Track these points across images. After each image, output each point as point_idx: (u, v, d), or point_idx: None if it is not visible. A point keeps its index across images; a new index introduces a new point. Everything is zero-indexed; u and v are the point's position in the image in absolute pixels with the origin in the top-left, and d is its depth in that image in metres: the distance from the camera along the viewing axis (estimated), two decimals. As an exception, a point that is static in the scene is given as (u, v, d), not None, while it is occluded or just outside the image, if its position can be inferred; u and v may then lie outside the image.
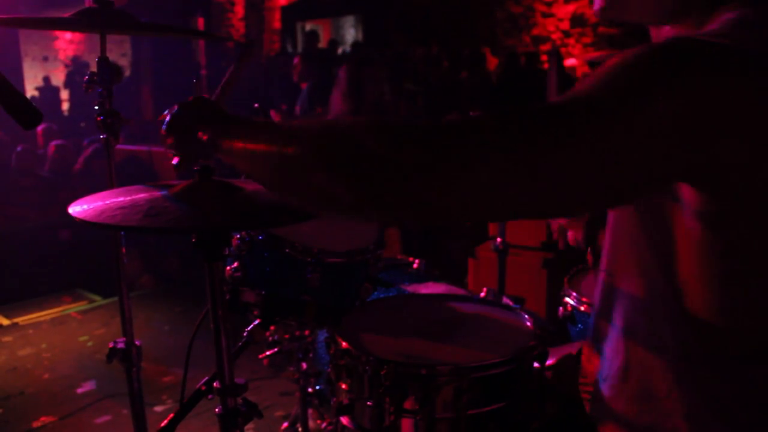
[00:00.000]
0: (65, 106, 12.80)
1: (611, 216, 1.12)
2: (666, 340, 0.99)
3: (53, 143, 6.31)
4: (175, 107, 1.11)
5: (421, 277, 2.37)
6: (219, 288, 1.22)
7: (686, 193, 0.86)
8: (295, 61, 6.26)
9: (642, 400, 1.05)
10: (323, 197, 0.87)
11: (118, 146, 1.89)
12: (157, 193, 1.19)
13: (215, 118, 1.07)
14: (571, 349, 1.56)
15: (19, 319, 4.61)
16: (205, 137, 1.05)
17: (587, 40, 9.24)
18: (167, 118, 1.12)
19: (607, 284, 1.15)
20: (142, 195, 1.19)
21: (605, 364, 1.16)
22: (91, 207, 1.13)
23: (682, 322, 0.94)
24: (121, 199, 1.17)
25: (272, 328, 2.11)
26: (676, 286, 0.93)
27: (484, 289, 2.35)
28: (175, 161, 1.11)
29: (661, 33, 1.03)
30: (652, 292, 1.01)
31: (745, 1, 0.90)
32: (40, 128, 6.90)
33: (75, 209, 1.12)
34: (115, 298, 1.87)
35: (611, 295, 1.12)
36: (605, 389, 1.15)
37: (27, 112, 1.25)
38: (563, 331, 2.01)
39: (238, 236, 1.66)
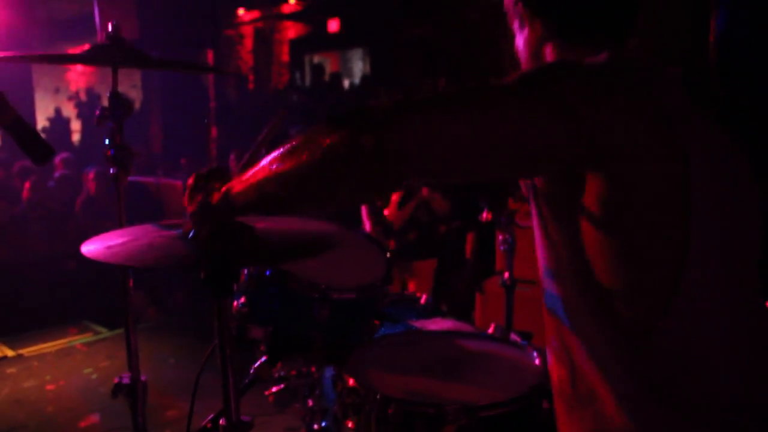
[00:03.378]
0: (75, 137, 12.92)
1: (536, 237, 1.18)
2: (589, 333, 1.06)
3: (61, 174, 6.37)
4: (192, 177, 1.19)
5: (428, 312, 2.35)
6: (227, 325, 1.22)
7: (586, 187, 1.00)
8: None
9: (587, 402, 1.09)
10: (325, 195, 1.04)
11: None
12: (165, 232, 1.19)
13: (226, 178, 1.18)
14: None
15: (24, 351, 4.59)
16: (219, 195, 1.14)
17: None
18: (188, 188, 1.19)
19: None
20: (152, 233, 1.19)
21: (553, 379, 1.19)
22: (103, 246, 1.13)
23: (587, 306, 1.05)
24: (132, 237, 1.17)
25: (279, 364, 2.10)
26: (578, 274, 1.05)
27: (492, 325, 2.33)
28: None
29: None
30: (561, 288, 1.10)
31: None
32: (58, 158, 6.97)
33: (88, 248, 1.13)
34: (121, 330, 1.86)
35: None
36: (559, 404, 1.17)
37: (39, 148, 1.26)
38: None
39: (246, 271, 1.66)
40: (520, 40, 1.25)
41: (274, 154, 1.06)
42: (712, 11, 3.99)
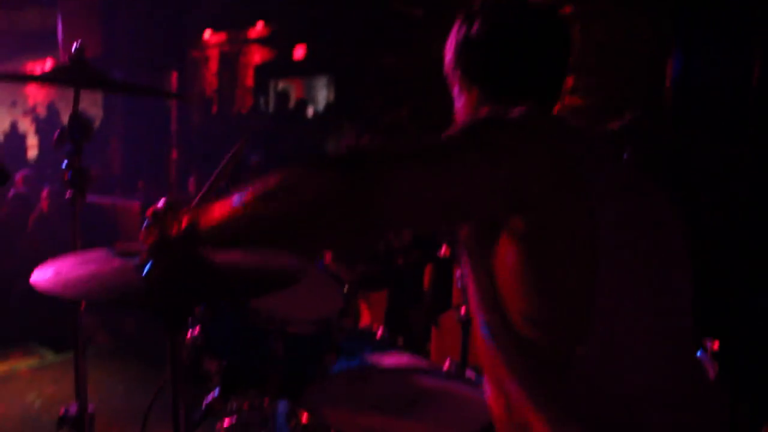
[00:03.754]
0: (31, 152, 12.65)
1: (464, 270, 1.25)
2: (516, 362, 1.13)
3: (16, 192, 6.23)
4: (150, 214, 1.18)
5: (384, 346, 2.35)
6: (180, 359, 1.20)
7: (505, 224, 1.07)
8: None
9: (522, 429, 1.15)
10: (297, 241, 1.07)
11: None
12: (120, 262, 1.17)
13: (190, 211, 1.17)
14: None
15: (-38, 374, 4.43)
16: (180, 227, 1.13)
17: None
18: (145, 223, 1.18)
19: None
20: (105, 262, 1.17)
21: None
22: (54, 273, 1.11)
23: (513, 337, 1.11)
24: (85, 266, 1.15)
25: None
26: (502, 307, 1.11)
27: (448, 360, 2.34)
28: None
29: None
30: (490, 321, 1.16)
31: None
32: (19, 175, 6.81)
33: (38, 276, 1.10)
34: (69, 355, 1.81)
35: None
36: None
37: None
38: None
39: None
40: (459, 103, 1.39)
41: (249, 191, 1.05)
42: (668, 57, 4.13)
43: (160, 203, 1.20)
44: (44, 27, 10.30)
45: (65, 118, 1.78)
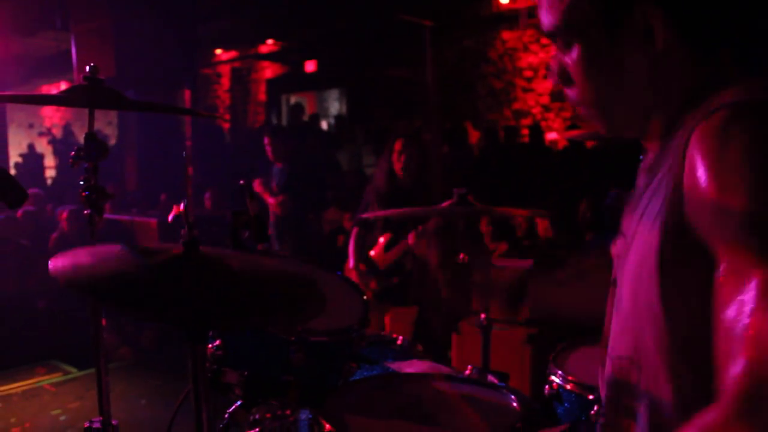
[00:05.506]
0: (49, 173, 12.80)
1: (618, 292, 1.06)
2: None
3: (21, 210, 6.32)
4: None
5: (404, 353, 2.34)
6: (201, 370, 1.20)
7: None
8: (266, 140, 5.40)
9: None
10: None
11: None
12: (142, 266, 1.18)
13: None
14: (558, 432, 1.55)
15: (-11, 392, 4.48)
16: None
17: (566, 114, 9.47)
18: None
19: (620, 374, 1.06)
20: (124, 264, 1.18)
21: None
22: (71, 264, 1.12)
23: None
24: (104, 263, 1.16)
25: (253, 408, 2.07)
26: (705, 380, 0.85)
27: (469, 367, 2.33)
28: None
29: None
30: (682, 389, 0.94)
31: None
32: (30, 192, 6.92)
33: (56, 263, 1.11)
34: (91, 370, 1.82)
35: (630, 388, 1.03)
36: None
37: (12, 192, 1.25)
38: (549, 410, 1.99)
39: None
40: (601, 51, 1.00)
41: None
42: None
43: (173, 213, 1.20)
44: (58, 51, 10.45)
45: (81, 139, 1.81)
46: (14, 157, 12.18)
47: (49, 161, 13.23)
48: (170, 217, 1.25)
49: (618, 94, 1.02)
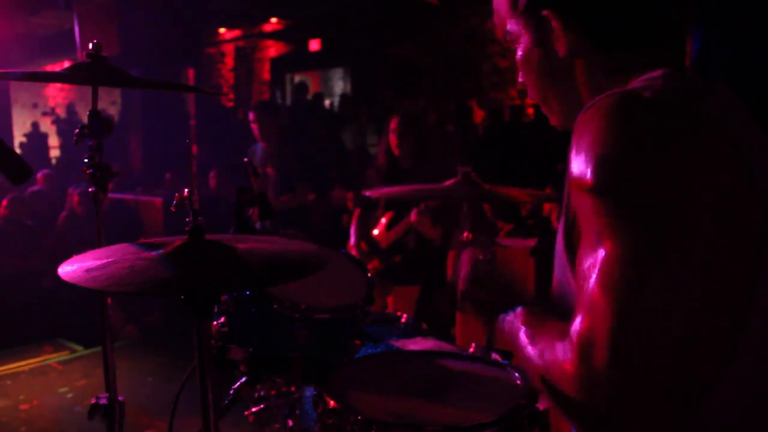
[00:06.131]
0: (54, 152, 12.81)
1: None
2: None
3: (30, 190, 6.35)
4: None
5: (409, 331, 2.35)
6: (207, 346, 1.21)
7: None
8: (251, 116, 5.01)
9: None
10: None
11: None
12: (146, 253, 1.19)
13: None
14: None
15: (-4, 370, 4.52)
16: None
17: (572, 94, 9.42)
18: None
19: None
20: (131, 255, 1.19)
21: None
22: (81, 269, 1.12)
23: None
24: (111, 259, 1.16)
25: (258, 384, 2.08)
26: None
27: (473, 345, 2.33)
28: None
29: None
30: None
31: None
32: (39, 174, 6.96)
33: (65, 270, 1.11)
34: (98, 348, 1.84)
35: None
36: None
37: (17, 168, 1.25)
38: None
39: (226, 291, 1.65)
40: (531, 54, 1.09)
41: (531, 358, 1.00)
42: (686, 36, 4.06)
43: (185, 193, 1.20)
44: (61, 30, 10.41)
45: (84, 118, 1.80)
46: (19, 137, 12.18)
47: (53, 141, 13.24)
48: (173, 205, 1.24)
49: (552, 92, 1.10)
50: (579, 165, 0.91)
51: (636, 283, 0.83)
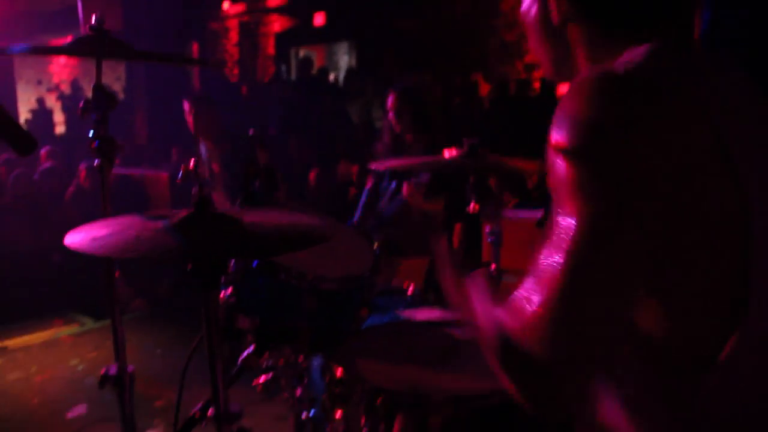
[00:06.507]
0: (59, 129, 12.80)
1: None
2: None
3: (46, 166, 6.34)
4: None
5: (415, 302, 2.36)
6: (214, 316, 1.22)
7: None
8: (186, 107, 4.59)
9: None
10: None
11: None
12: (152, 224, 1.19)
13: None
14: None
15: (8, 343, 4.57)
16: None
17: (578, 67, 9.34)
18: None
19: None
20: (137, 224, 1.19)
21: None
22: (86, 237, 1.13)
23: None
24: (118, 229, 1.17)
25: (266, 354, 2.10)
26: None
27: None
28: None
29: None
30: None
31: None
32: (42, 150, 6.95)
33: (72, 239, 1.12)
34: (107, 321, 1.85)
35: None
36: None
37: (22, 139, 1.25)
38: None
39: (234, 262, 1.66)
40: (530, 9, 1.11)
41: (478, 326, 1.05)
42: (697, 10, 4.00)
43: (191, 164, 1.21)
44: (63, 6, 10.34)
45: (89, 94, 1.80)
46: (24, 114, 12.17)
47: (58, 117, 13.22)
48: (179, 176, 1.25)
49: (546, 48, 1.12)
50: (555, 132, 0.94)
51: (588, 247, 0.88)
